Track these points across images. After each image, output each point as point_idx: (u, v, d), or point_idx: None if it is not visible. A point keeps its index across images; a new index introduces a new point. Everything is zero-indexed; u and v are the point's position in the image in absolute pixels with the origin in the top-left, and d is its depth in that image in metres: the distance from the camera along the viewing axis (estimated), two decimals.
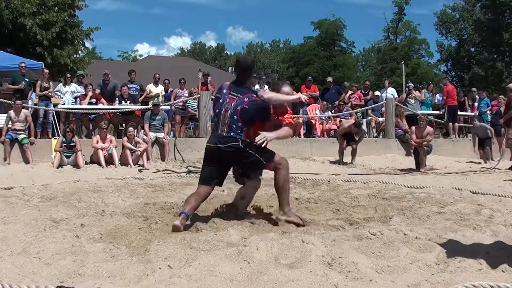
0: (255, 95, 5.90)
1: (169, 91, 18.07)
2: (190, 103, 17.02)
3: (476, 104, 21.23)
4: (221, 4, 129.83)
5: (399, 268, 4.03)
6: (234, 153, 5.79)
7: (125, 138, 13.21)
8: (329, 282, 3.68)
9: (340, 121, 18.15)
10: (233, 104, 5.80)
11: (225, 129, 5.80)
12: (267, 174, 6.47)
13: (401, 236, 4.95)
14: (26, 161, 12.95)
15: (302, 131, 17.48)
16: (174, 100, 17.15)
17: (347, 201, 7.72)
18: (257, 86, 18.61)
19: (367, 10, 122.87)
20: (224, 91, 5.96)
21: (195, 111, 16.65)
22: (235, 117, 5.77)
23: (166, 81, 18.51)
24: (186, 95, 17.50)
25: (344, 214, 6.66)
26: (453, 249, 4.56)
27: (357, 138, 14.34)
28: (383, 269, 4.01)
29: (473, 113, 20.88)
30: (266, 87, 19.23)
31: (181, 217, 5.52)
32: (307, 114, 18.26)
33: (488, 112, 20.07)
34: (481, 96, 21.31)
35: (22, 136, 13.11)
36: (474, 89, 23.15)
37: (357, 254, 4.29)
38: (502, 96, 18.86)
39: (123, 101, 15.63)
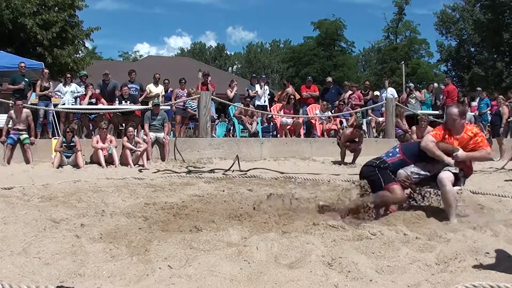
0: None
1: (169, 91, 18.07)
2: (190, 104, 16.98)
3: (475, 104, 21.25)
4: (221, 4, 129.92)
5: (399, 268, 4.05)
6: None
7: (125, 138, 13.20)
8: (329, 282, 3.70)
9: (341, 121, 18.19)
10: None
11: None
12: (267, 174, 6.48)
13: (401, 236, 4.98)
14: (27, 161, 12.92)
15: (302, 131, 17.50)
16: (175, 100, 17.13)
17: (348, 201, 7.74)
18: (257, 86, 18.61)
19: (367, 10, 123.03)
20: None
21: (195, 111, 16.64)
22: None
23: (166, 81, 18.48)
24: (186, 95, 17.47)
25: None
26: (453, 249, 4.58)
27: (358, 140, 14.40)
28: (383, 269, 4.03)
29: (472, 113, 20.88)
30: (266, 87, 19.24)
31: None
32: (307, 114, 18.27)
33: (488, 112, 20.07)
34: (481, 96, 21.33)
35: (24, 136, 13.08)
36: (478, 88, 23.07)
37: (357, 254, 4.32)
38: (501, 96, 18.90)
39: (123, 101, 15.61)
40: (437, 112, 19.32)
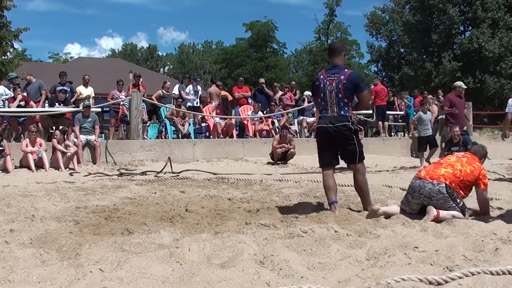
0: (348, 70, 6.71)
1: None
2: (125, 102, 16.70)
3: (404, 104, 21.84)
4: (153, 4, 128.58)
5: (330, 264, 4.08)
6: (344, 131, 6.54)
7: (55, 141, 12.97)
8: (261, 280, 3.69)
9: (272, 122, 18.36)
10: (334, 84, 6.55)
11: (335, 109, 6.54)
12: (200, 175, 6.47)
13: (332, 233, 5.05)
14: None
15: (234, 132, 17.57)
16: (111, 100, 16.92)
17: (279, 200, 7.85)
18: (190, 87, 18.57)
19: (299, 11, 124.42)
20: (322, 76, 6.75)
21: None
22: (340, 95, 6.51)
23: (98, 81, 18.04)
24: (123, 96, 17.24)
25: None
26: (383, 244, 4.68)
27: (290, 144, 14.60)
28: (315, 266, 4.05)
29: (401, 112, 21.45)
30: (199, 87, 19.19)
31: (334, 206, 6.44)
32: (240, 115, 18.36)
33: (413, 109, 20.61)
34: (404, 96, 22.03)
35: None
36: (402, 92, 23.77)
37: (288, 252, 4.34)
38: (430, 96, 19.49)
39: (56, 104, 15.31)
40: (369, 111, 19.72)
